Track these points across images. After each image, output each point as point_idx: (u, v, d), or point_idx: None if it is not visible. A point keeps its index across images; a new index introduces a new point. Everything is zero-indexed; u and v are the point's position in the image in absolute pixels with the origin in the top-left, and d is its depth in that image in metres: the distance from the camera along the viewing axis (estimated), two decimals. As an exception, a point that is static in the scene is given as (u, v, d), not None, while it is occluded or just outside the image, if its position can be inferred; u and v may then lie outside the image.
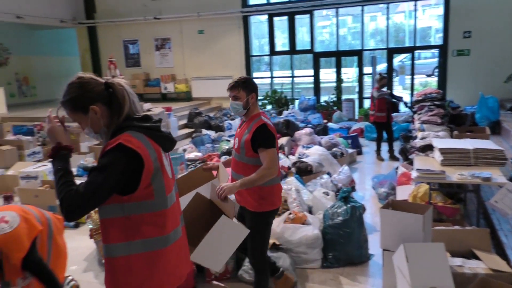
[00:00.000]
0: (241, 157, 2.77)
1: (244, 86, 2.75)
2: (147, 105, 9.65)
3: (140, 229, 1.69)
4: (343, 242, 3.76)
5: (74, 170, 1.69)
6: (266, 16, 12.81)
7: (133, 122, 1.71)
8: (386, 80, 7.66)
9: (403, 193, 4.67)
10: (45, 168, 6.27)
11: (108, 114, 1.71)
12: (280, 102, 12.35)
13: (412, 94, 11.46)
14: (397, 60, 15.32)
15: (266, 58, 13.69)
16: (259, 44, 14.16)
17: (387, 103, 7.49)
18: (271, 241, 3.64)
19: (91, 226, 3.39)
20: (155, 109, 9.29)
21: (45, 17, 12.92)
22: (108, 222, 1.69)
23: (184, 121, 10.75)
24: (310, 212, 4.44)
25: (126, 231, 1.68)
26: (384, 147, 8.05)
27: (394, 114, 9.02)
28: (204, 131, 9.52)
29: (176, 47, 13.65)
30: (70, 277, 3.16)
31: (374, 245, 3.91)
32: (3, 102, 11.28)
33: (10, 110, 11.55)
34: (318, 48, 12.73)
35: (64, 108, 1.73)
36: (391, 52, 11.93)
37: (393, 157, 7.67)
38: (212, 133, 9.23)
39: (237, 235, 2.36)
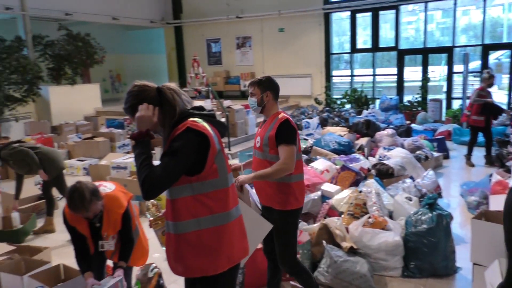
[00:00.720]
0: (264, 155, 2.76)
1: (258, 84, 2.82)
2: (227, 102, 9.90)
3: (208, 206, 1.88)
4: (427, 252, 3.53)
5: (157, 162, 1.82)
6: (348, 13, 12.47)
7: (192, 111, 1.93)
8: (494, 79, 6.98)
9: (498, 203, 4.24)
10: (133, 161, 6.71)
11: (162, 115, 1.89)
12: (360, 101, 11.96)
13: (510, 95, 10.45)
14: (493, 57, 14.05)
15: (346, 56, 13.34)
16: (339, 42, 13.85)
17: (487, 106, 6.82)
18: (348, 244, 3.53)
19: (149, 217, 3.56)
20: (235, 106, 9.50)
21: (137, 18, 13.86)
22: (178, 202, 1.88)
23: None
24: (391, 217, 4.23)
25: (195, 208, 1.87)
26: (476, 152, 7.42)
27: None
28: (282, 129, 9.53)
29: (256, 45, 13.84)
30: (154, 264, 3.33)
31: (462, 257, 3.62)
32: (99, 97, 12.31)
33: (104, 105, 12.56)
34: (402, 45, 12.12)
35: (126, 113, 1.95)
36: (487, 49, 10.99)
37: (491, 163, 6.99)
38: (289, 131, 9.20)
39: (259, 227, 2.39)
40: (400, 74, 12.03)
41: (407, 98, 11.89)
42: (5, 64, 9.34)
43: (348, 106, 12.06)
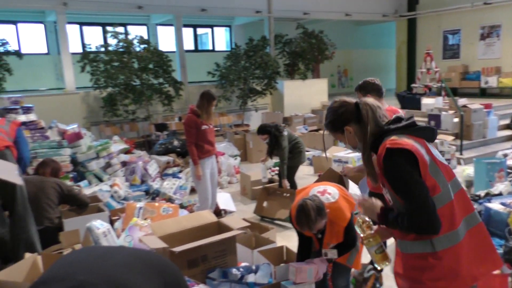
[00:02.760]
0: None
1: (359, 90, 3.24)
2: (462, 101, 8.81)
3: None
4: None
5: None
6: None
7: (388, 127, 1.80)
8: None
9: None
10: (355, 155, 6.71)
11: (360, 131, 1.85)
12: None
13: None
14: None
15: None
16: None
17: None
18: None
19: (360, 234, 3.42)
20: (472, 105, 8.37)
21: (369, 12, 13.78)
22: None
23: (506, 121, 9.25)
24: None
25: None
26: None
27: None
28: (534, 135, 7.89)
29: (506, 35, 11.81)
30: (370, 266, 3.23)
31: None
32: (326, 92, 12.86)
33: (330, 99, 12.96)
34: None
35: (326, 129, 1.98)
36: None
37: None
38: (545, 139, 7.53)
39: None
40: None
41: None
42: (251, 61, 10.76)
43: None
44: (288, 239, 4.21)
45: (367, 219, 2.01)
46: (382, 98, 3.13)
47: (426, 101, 9.35)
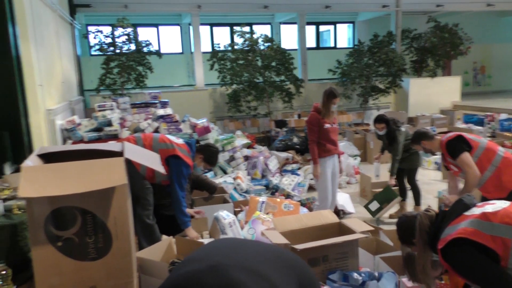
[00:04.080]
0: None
1: (411, 143, 3.97)
2: None
3: None
4: None
5: None
6: None
7: (435, 231, 2.02)
8: None
9: None
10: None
11: (418, 243, 2.10)
12: None
13: None
14: None
15: None
16: None
17: None
18: None
19: None
20: None
21: (518, 1, 12.18)
22: None
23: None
24: None
25: None
26: None
27: None
28: None
29: None
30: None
31: None
32: (458, 90, 11.72)
33: (463, 99, 11.87)
34: None
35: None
36: None
37: None
38: None
39: None
40: None
41: None
42: (375, 57, 10.31)
43: None
44: (413, 248, 3.92)
45: None
46: (433, 139, 3.61)
47: None
